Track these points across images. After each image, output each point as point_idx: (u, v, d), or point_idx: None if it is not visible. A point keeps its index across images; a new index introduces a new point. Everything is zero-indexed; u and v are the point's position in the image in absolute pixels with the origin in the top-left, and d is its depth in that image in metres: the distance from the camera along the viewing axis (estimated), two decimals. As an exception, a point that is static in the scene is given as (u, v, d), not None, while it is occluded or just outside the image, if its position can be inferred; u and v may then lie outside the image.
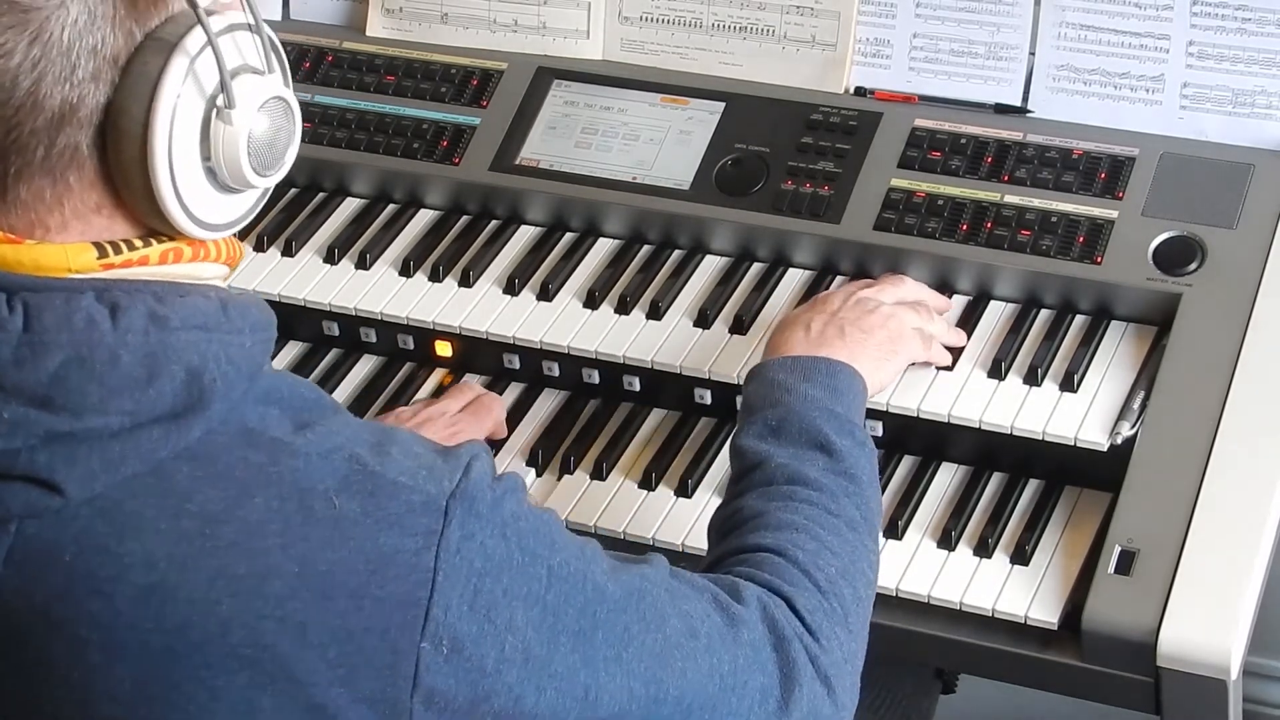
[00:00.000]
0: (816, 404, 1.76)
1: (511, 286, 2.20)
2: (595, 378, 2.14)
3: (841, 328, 1.88)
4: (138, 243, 1.37)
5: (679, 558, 1.96)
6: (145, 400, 1.32)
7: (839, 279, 2.16)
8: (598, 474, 2.05)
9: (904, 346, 1.94)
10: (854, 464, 1.72)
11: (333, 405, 1.44)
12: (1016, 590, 1.88)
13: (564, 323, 2.15)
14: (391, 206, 2.34)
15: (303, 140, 2.34)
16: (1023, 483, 1.99)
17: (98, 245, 1.35)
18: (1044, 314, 2.10)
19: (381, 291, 2.22)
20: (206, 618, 1.32)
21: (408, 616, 1.33)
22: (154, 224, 1.38)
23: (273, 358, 2.24)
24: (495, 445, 2.09)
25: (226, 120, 1.37)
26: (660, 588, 1.49)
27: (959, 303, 2.12)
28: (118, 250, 1.36)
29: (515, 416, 2.14)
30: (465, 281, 2.21)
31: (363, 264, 2.25)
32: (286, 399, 1.39)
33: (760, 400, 1.79)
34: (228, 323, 1.37)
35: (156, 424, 1.32)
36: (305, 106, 2.37)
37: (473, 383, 2.15)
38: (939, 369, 2.03)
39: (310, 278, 2.25)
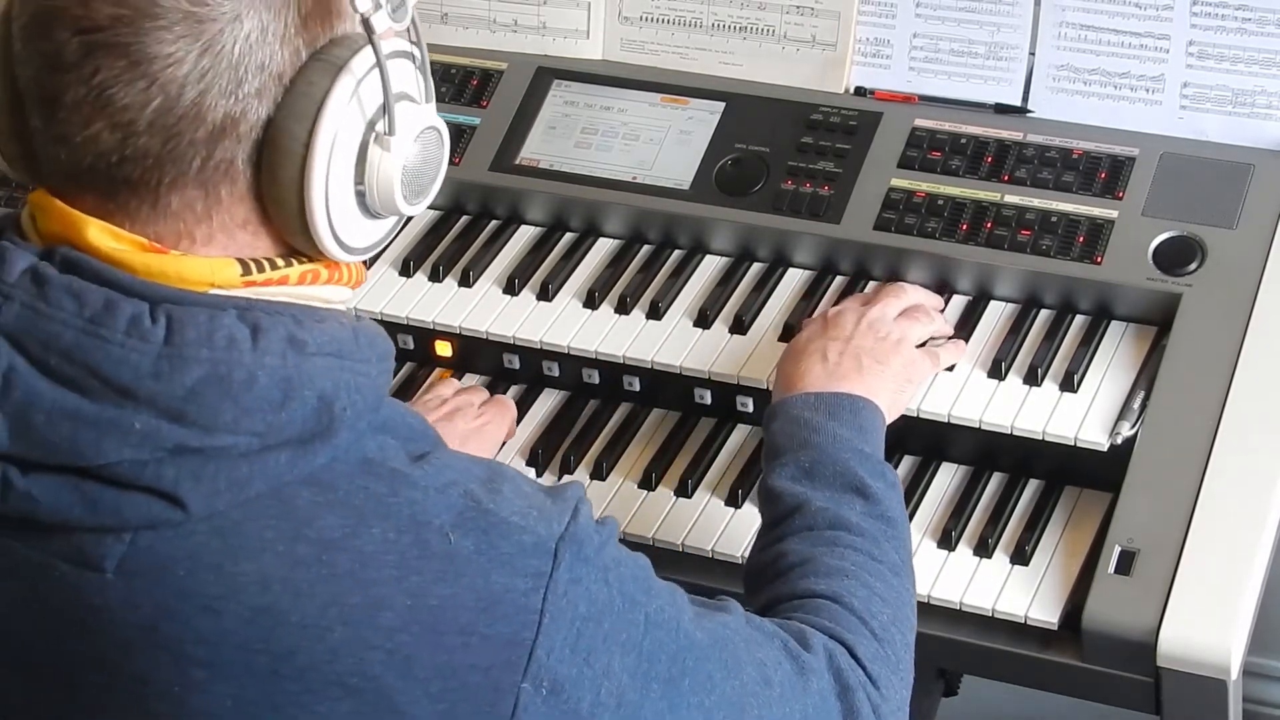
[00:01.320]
0: (846, 444, 1.76)
1: (511, 286, 2.20)
2: (595, 378, 2.14)
3: (859, 359, 1.88)
4: (280, 262, 1.37)
5: (679, 558, 1.96)
6: (277, 423, 1.31)
7: (839, 279, 2.16)
8: (598, 474, 2.05)
9: (917, 373, 1.95)
10: (889, 507, 1.73)
11: (435, 436, 1.44)
12: (1016, 590, 1.88)
13: (564, 323, 2.15)
14: (391, 206, 2.34)
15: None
16: (1023, 483, 1.99)
17: (241, 262, 1.35)
18: (1044, 314, 2.10)
19: (382, 291, 2.22)
20: (315, 644, 1.31)
21: (512, 656, 1.34)
22: (298, 244, 1.38)
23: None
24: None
25: (385, 146, 1.37)
26: (738, 635, 1.49)
27: (959, 303, 2.12)
28: (260, 268, 1.36)
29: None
30: (465, 281, 2.21)
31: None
32: (400, 429, 1.39)
33: (788, 440, 1.79)
34: (358, 351, 1.36)
35: (285, 447, 1.32)
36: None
37: (477, 386, 2.15)
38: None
39: (310, 278, 2.25)
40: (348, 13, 1.35)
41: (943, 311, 2.08)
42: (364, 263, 1.46)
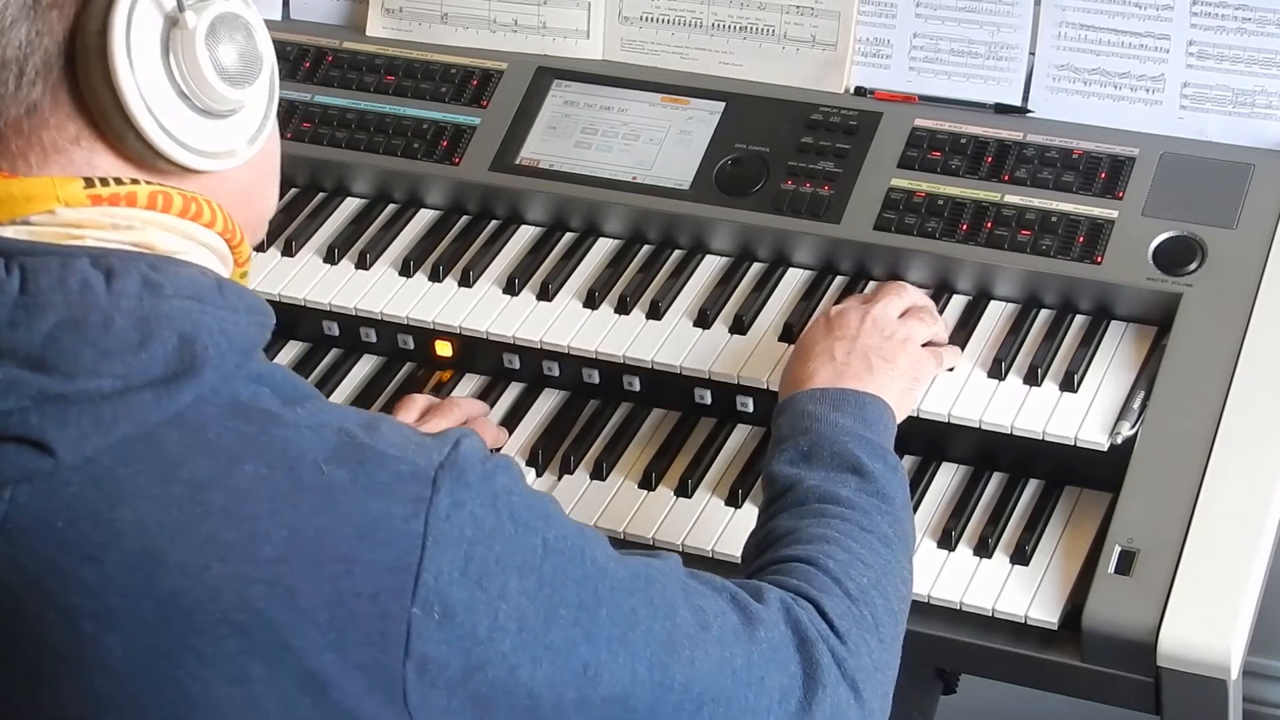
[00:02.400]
0: (847, 431, 1.76)
1: (511, 286, 2.20)
2: (595, 378, 2.14)
3: (867, 358, 1.87)
4: (125, 180, 1.40)
5: (680, 558, 1.96)
6: (137, 364, 1.33)
7: (839, 279, 2.17)
8: (598, 474, 2.05)
9: (924, 372, 1.94)
10: (886, 485, 1.73)
11: (323, 396, 1.46)
12: (1016, 590, 1.88)
13: (564, 323, 2.15)
14: (391, 206, 2.34)
15: (303, 140, 2.38)
16: (1023, 483, 1.99)
17: (85, 180, 1.38)
18: (1044, 314, 2.10)
19: (381, 291, 2.22)
20: (196, 583, 1.32)
21: (398, 581, 1.33)
22: (134, 151, 1.40)
23: (273, 357, 2.28)
24: (495, 447, 2.09)
25: (182, 26, 1.40)
26: (671, 579, 1.49)
27: (959, 302, 2.12)
28: (105, 184, 1.38)
29: (515, 416, 2.14)
30: (465, 281, 2.21)
31: (363, 264, 2.25)
32: (280, 383, 1.41)
33: (790, 430, 1.79)
34: (222, 299, 1.39)
35: (148, 387, 1.34)
36: (305, 106, 2.39)
37: (459, 398, 2.14)
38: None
39: (310, 278, 2.25)
40: None
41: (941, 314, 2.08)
42: (234, 222, 1.46)
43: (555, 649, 1.39)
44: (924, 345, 1.98)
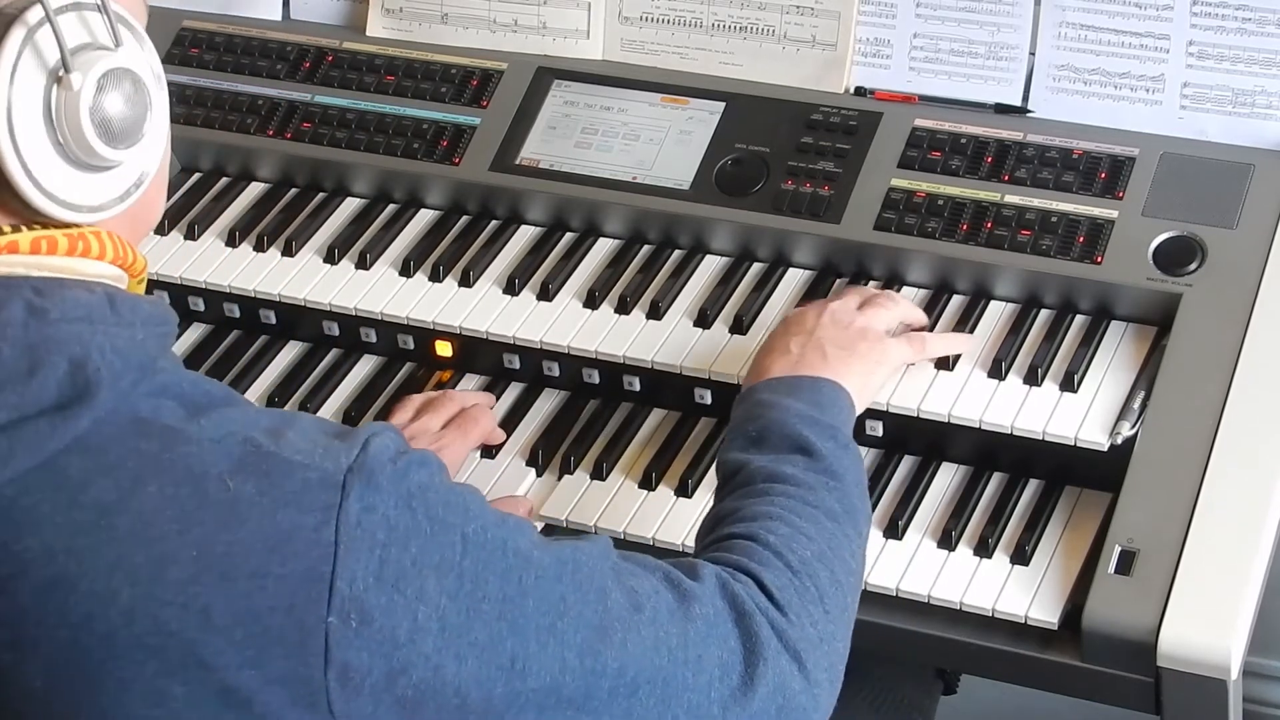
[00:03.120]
0: (797, 413, 1.76)
1: (511, 286, 2.20)
2: (595, 378, 2.14)
3: (822, 347, 1.87)
4: (5, 228, 1.38)
5: (679, 558, 1.96)
6: (29, 393, 1.32)
7: (839, 279, 2.17)
8: (598, 474, 2.05)
9: (888, 354, 1.93)
10: (835, 463, 1.71)
11: (239, 399, 1.44)
12: (1016, 590, 1.88)
13: (564, 323, 2.15)
14: (391, 206, 2.34)
15: (303, 140, 2.38)
16: (1023, 483, 1.99)
17: None
18: (1044, 314, 2.10)
19: (381, 291, 2.22)
20: (109, 608, 1.32)
21: (312, 592, 1.33)
22: (12, 205, 1.38)
23: (273, 357, 2.28)
24: (496, 446, 2.09)
25: (66, 87, 1.38)
26: (600, 561, 1.47)
27: (959, 302, 2.12)
28: None
29: (515, 416, 2.14)
30: (465, 281, 2.21)
31: (363, 264, 2.25)
32: (186, 393, 1.39)
33: (743, 418, 1.79)
34: (114, 316, 1.37)
35: (42, 416, 1.32)
36: (305, 106, 2.39)
37: (454, 392, 2.13)
38: (938, 369, 2.03)
39: (310, 278, 2.25)
40: None
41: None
42: (125, 242, 1.44)
43: (480, 645, 1.38)
44: (899, 334, 1.97)
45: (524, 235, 2.28)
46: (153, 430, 1.35)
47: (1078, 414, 1.97)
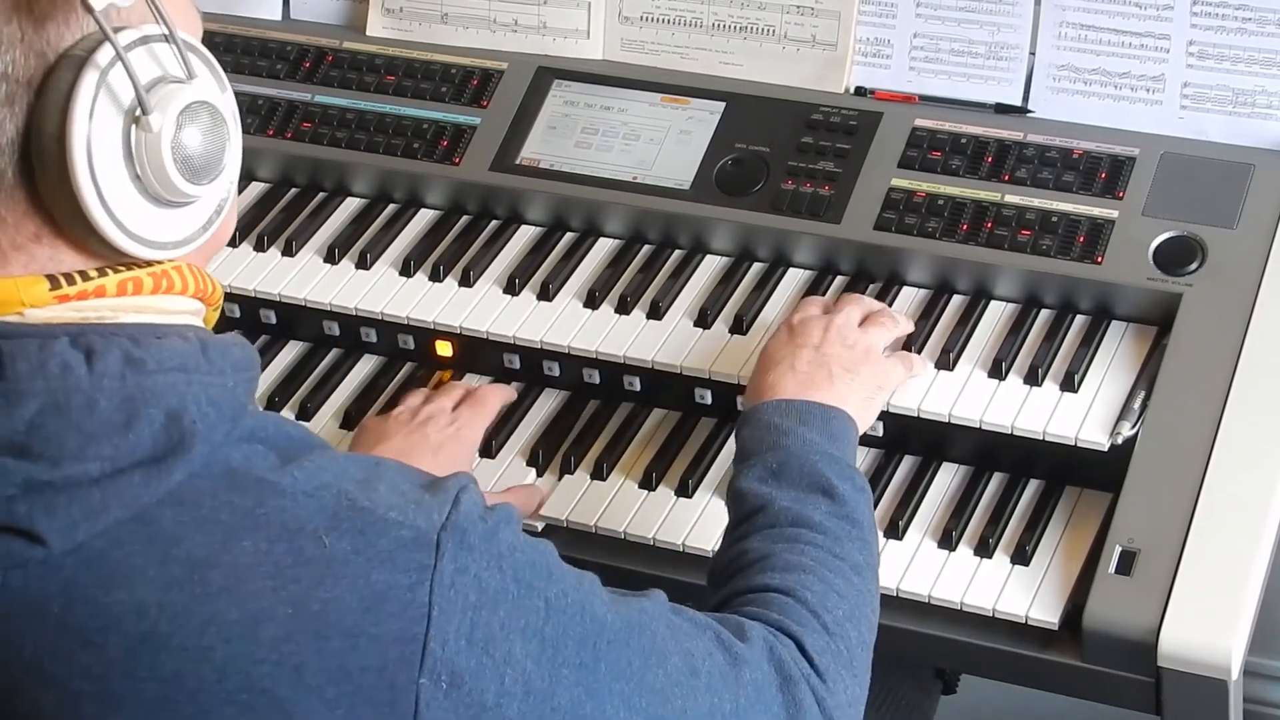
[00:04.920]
0: (815, 448, 1.75)
1: (512, 286, 2.20)
2: (595, 378, 2.14)
3: (829, 368, 1.87)
4: (92, 273, 1.35)
5: (679, 558, 1.96)
6: (125, 445, 1.30)
7: (839, 279, 2.17)
8: (598, 474, 2.05)
9: (887, 381, 1.94)
10: (855, 509, 1.72)
11: (319, 442, 1.42)
12: (1017, 590, 1.88)
13: (564, 323, 2.15)
14: (391, 206, 2.34)
15: (303, 140, 2.38)
16: (1023, 483, 1.99)
17: (50, 277, 1.34)
18: (1044, 314, 2.10)
19: (382, 291, 2.22)
20: (200, 665, 1.30)
21: (405, 652, 1.32)
22: (97, 248, 1.36)
23: (273, 358, 2.28)
24: (496, 446, 2.09)
25: (146, 128, 1.35)
26: (660, 623, 1.47)
27: (959, 303, 2.12)
28: (71, 281, 1.34)
29: (515, 416, 2.14)
30: (465, 281, 2.21)
31: (363, 264, 2.25)
32: (272, 436, 1.38)
33: (757, 444, 1.78)
34: (208, 364, 1.35)
35: (137, 469, 1.31)
36: (305, 106, 2.39)
37: (457, 383, 2.14)
38: (938, 369, 2.03)
39: (310, 278, 2.25)
40: (81, 9, 1.34)
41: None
42: (203, 273, 1.43)
43: (561, 710, 1.38)
44: (888, 351, 1.98)
45: (524, 235, 2.28)
46: (246, 482, 1.33)
47: (1078, 414, 1.97)
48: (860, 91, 2.26)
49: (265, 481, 1.34)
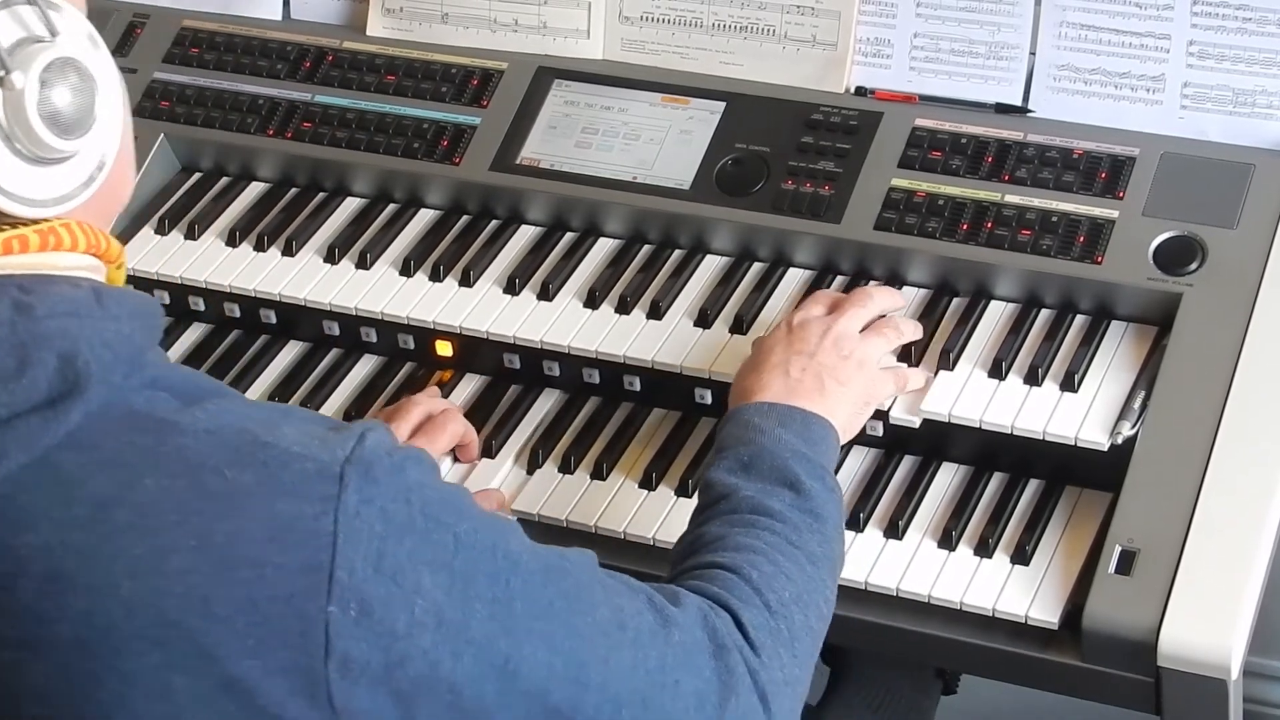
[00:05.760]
0: (789, 446, 1.76)
1: (512, 286, 2.20)
2: (595, 378, 2.14)
3: (820, 378, 1.86)
4: None
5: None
6: (19, 390, 1.32)
7: (839, 279, 2.17)
8: (598, 474, 2.05)
9: (876, 395, 1.93)
10: (821, 504, 1.72)
11: (230, 391, 1.44)
12: (1017, 590, 1.88)
13: (564, 323, 2.15)
14: (391, 206, 2.34)
15: (303, 140, 2.38)
16: (1023, 483, 1.99)
17: None
18: (1044, 314, 2.10)
19: (381, 291, 2.22)
20: (109, 601, 1.32)
21: (312, 581, 1.33)
22: None
23: (273, 357, 2.28)
24: (496, 446, 2.09)
25: (9, 87, 1.38)
26: (585, 573, 1.48)
27: (959, 303, 2.12)
28: None
29: (515, 416, 2.14)
30: (465, 281, 2.21)
31: (363, 264, 2.25)
32: (178, 385, 1.40)
33: (734, 439, 1.79)
34: (101, 310, 1.37)
35: (34, 413, 1.33)
36: (305, 106, 2.39)
37: (419, 396, 2.12)
38: (938, 369, 2.03)
39: (310, 278, 2.25)
40: None
41: (917, 319, 2.06)
42: (96, 230, 1.44)
43: (475, 643, 1.38)
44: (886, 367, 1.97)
45: (524, 235, 2.28)
46: (147, 423, 1.35)
47: (1078, 414, 1.97)
48: (860, 91, 2.26)
49: (167, 421, 1.36)
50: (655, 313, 2.14)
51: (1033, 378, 2.01)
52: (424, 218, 2.32)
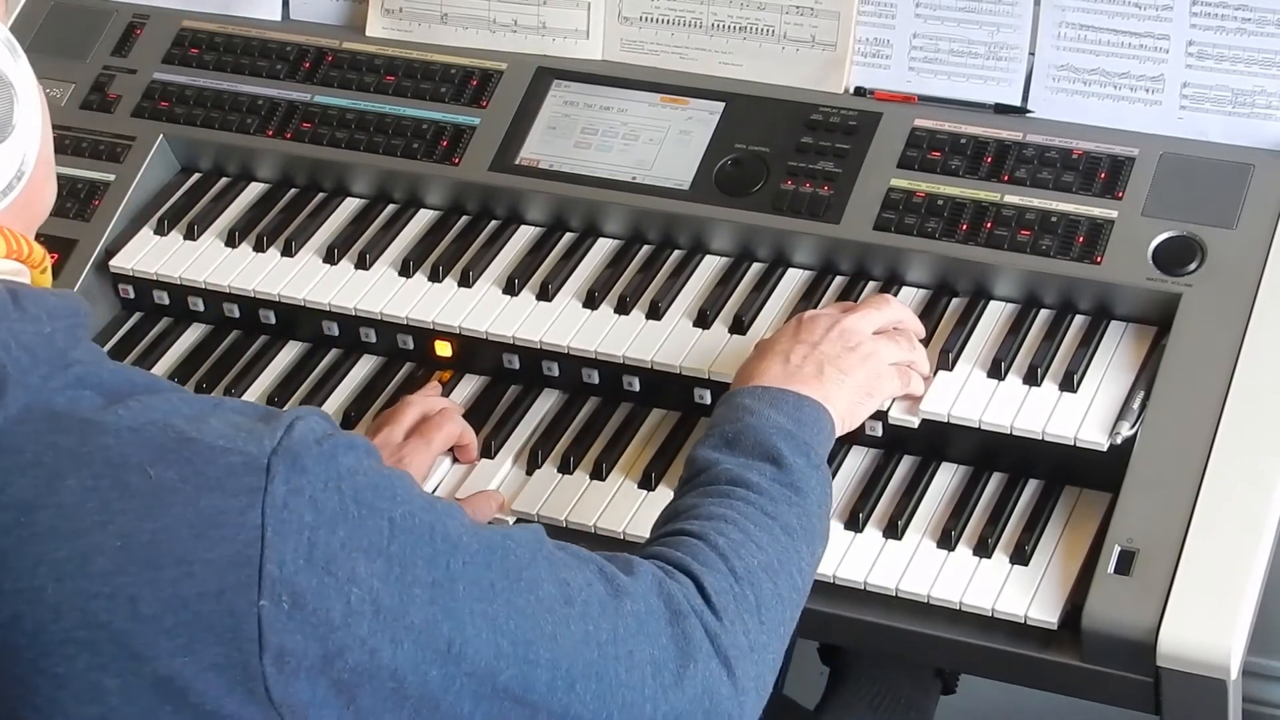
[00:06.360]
0: (775, 424, 1.75)
1: (511, 286, 2.20)
2: (595, 378, 2.14)
3: (820, 365, 1.85)
4: None
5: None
6: None
7: (839, 279, 2.17)
8: (598, 474, 2.05)
9: (881, 387, 1.91)
10: (802, 479, 1.71)
11: (164, 385, 1.43)
12: (1016, 590, 1.88)
13: (564, 323, 2.15)
14: (391, 206, 2.34)
15: (303, 140, 2.38)
16: (1023, 483, 1.99)
17: None
18: (1044, 314, 2.10)
19: (381, 291, 2.22)
20: (35, 605, 1.31)
21: (241, 576, 1.32)
22: None
23: (273, 358, 2.27)
24: (496, 446, 2.09)
25: None
26: (531, 550, 1.47)
27: (958, 303, 2.12)
28: None
29: (515, 416, 2.14)
30: (465, 281, 2.21)
31: (363, 264, 2.25)
32: (105, 382, 1.39)
33: (722, 419, 1.79)
34: (18, 311, 1.36)
35: None
36: (305, 106, 2.39)
37: (415, 396, 2.11)
38: (938, 369, 2.03)
39: (310, 278, 2.25)
40: None
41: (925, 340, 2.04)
42: (17, 234, 1.44)
43: (415, 629, 1.38)
44: (893, 365, 1.95)
45: (524, 235, 2.28)
46: (70, 424, 1.35)
47: (1077, 414, 1.97)
48: (860, 91, 2.26)
49: (89, 421, 1.35)
50: (654, 313, 2.14)
51: (1032, 378, 2.01)
52: (423, 218, 2.32)
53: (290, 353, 2.27)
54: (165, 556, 1.32)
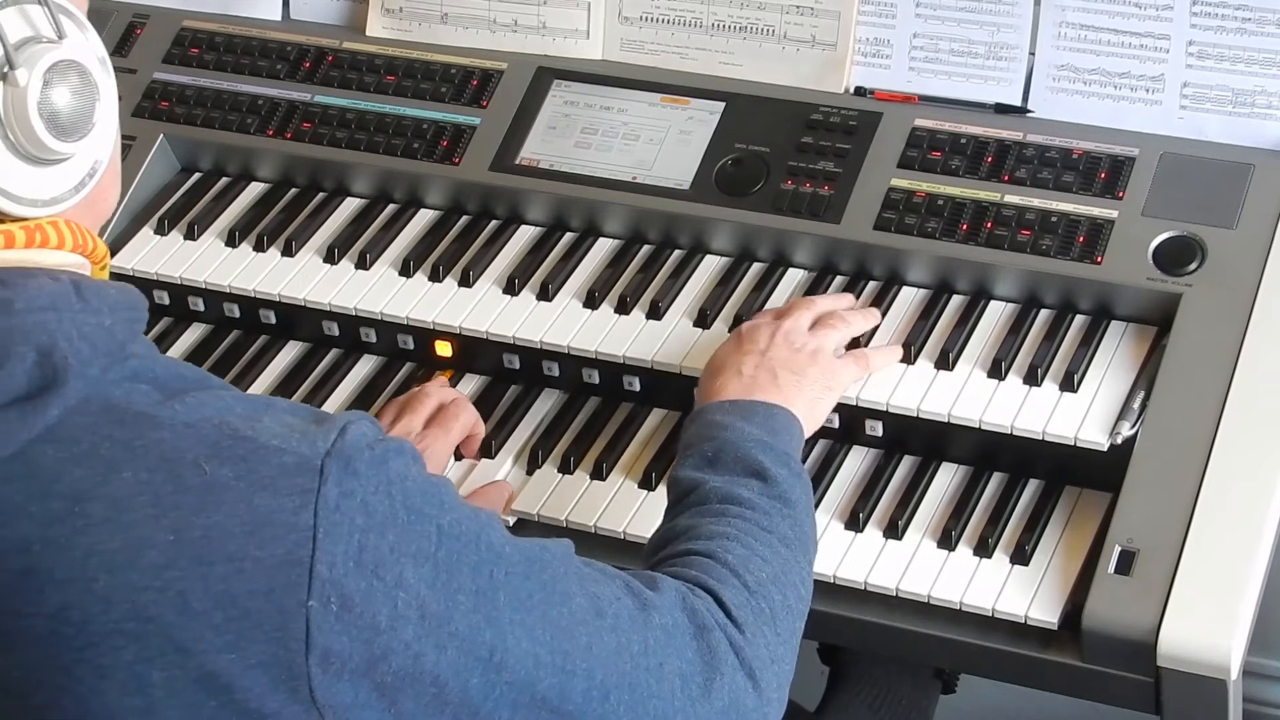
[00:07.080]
0: (752, 438, 1.77)
1: (511, 286, 2.20)
2: (595, 378, 2.14)
3: (773, 371, 1.88)
4: None
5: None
6: None
7: (839, 279, 2.17)
8: (598, 474, 2.05)
9: (837, 381, 1.94)
10: (788, 489, 1.73)
11: (214, 382, 1.44)
12: (1016, 590, 1.88)
13: (564, 323, 2.15)
14: (391, 206, 2.34)
15: (303, 140, 2.38)
16: (1023, 483, 1.99)
17: None
18: (1044, 314, 2.10)
19: (381, 291, 2.22)
20: (85, 596, 1.32)
21: (291, 576, 1.33)
22: None
23: (273, 357, 2.27)
24: (496, 446, 2.09)
25: (13, 84, 1.39)
26: (563, 564, 1.48)
27: (958, 303, 2.12)
28: None
29: (515, 416, 2.14)
30: (465, 281, 2.21)
31: (363, 264, 2.25)
32: (159, 377, 1.39)
33: (697, 438, 1.80)
34: (81, 303, 1.37)
35: (12, 406, 1.32)
36: (305, 106, 2.39)
37: (429, 386, 2.12)
38: (938, 369, 2.03)
39: (310, 278, 2.25)
40: None
41: (873, 314, 2.08)
42: (84, 229, 1.45)
43: (459, 635, 1.38)
44: (848, 348, 1.99)
45: (524, 235, 2.28)
46: (125, 416, 1.35)
47: (1077, 414, 1.97)
48: (860, 91, 2.26)
49: (145, 415, 1.35)
50: (655, 313, 2.14)
51: (1032, 378, 2.01)
52: (424, 218, 2.32)
53: (290, 353, 2.27)
54: (217, 553, 1.32)
